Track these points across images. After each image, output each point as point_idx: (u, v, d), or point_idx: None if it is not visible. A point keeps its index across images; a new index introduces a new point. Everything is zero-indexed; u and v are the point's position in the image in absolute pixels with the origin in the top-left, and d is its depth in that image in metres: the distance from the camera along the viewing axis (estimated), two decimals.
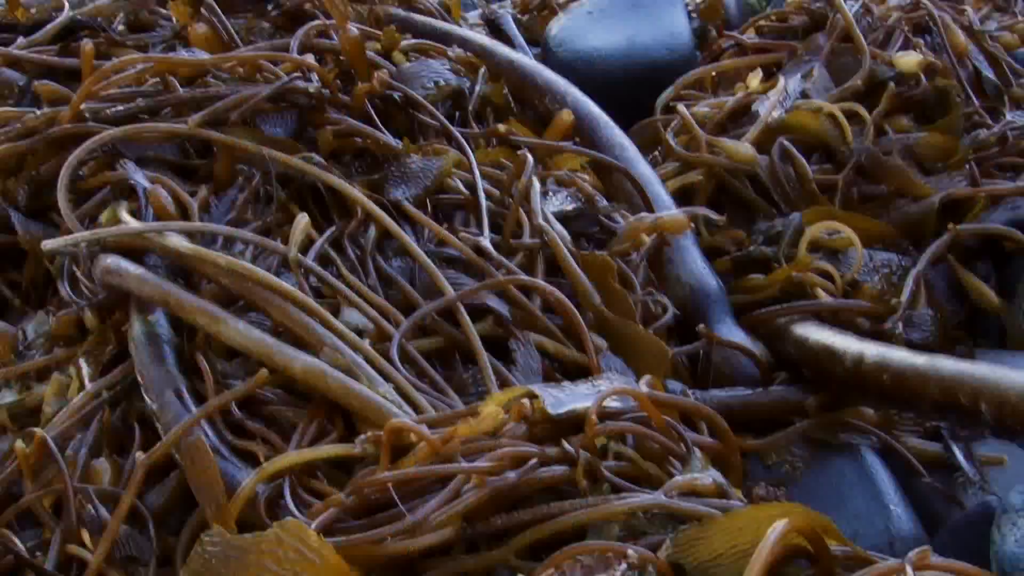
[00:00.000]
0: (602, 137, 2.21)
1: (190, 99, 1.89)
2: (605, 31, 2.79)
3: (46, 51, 2.12)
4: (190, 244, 1.58)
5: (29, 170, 1.84)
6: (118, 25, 2.30)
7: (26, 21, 2.23)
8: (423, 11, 2.76)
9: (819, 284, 1.89)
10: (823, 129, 2.18)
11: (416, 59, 2.27)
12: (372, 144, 1.92)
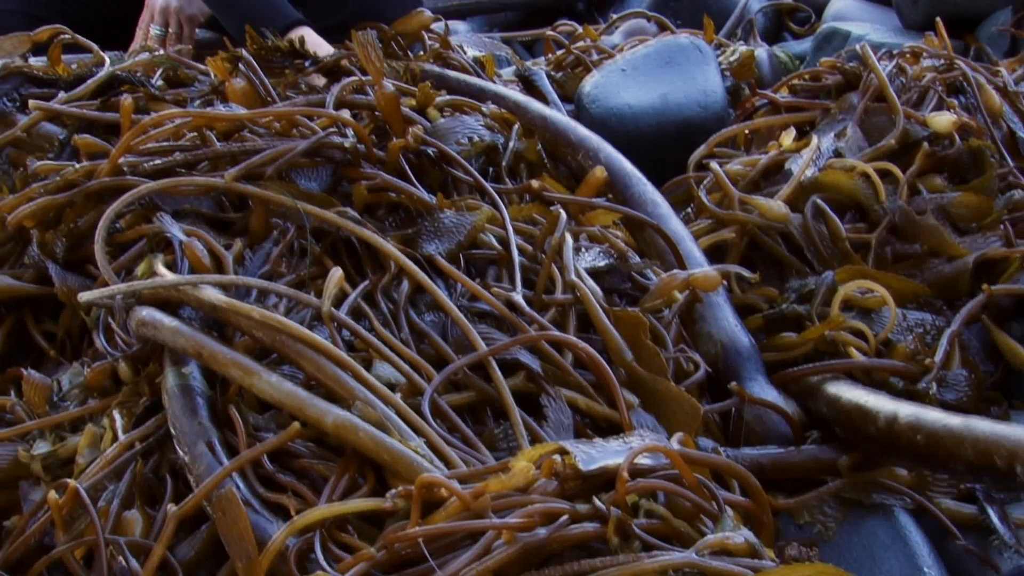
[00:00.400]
0: (635, 194, 2.22)
1: (227, 153, 1.91)
2: (638, 88, 2.81)
3: (86, 105, 2.15)
4: (224, 297, 1.59)
5: (67, 223, 1.86)
6: (157, 80, 2.33)
7: (67, 76, 2.26)
8: (458, 67, 2.79)
9: (852, 343, 1.88)
10: (856, 188, 2.18)
11: (451, 115, 2.29)
12: (406, 199, 1.93)
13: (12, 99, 2.18)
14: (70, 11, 3.26)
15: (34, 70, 2.25)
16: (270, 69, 2.31)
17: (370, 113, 2.15)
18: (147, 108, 2.17)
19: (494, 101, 2.44)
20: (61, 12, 3.22)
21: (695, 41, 2.96)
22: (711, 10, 3.84)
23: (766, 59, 3.35)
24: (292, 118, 2.01)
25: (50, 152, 2.05)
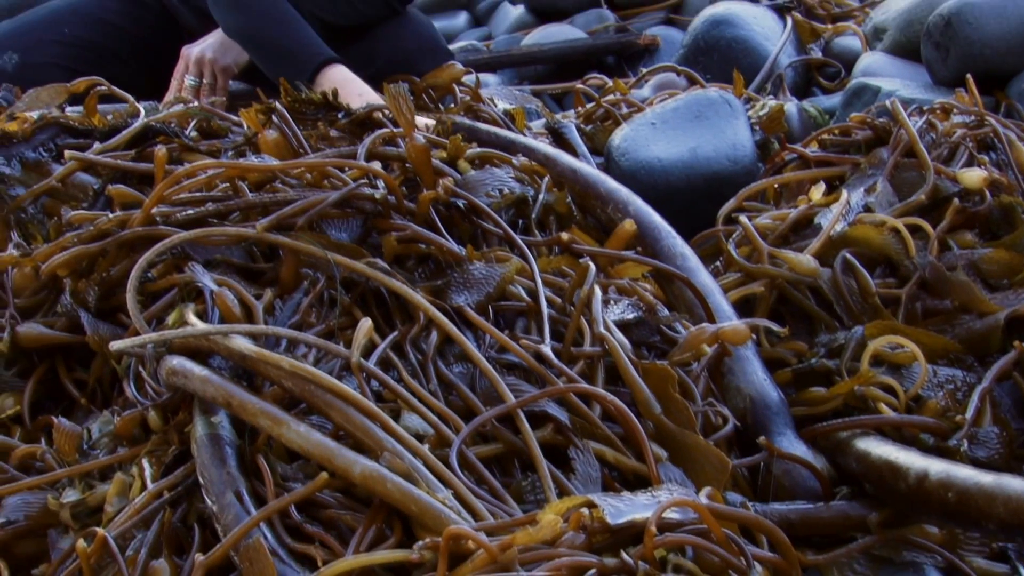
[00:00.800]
0: (664, 246, 2.22)
1: (258, 204, 1.92)
2: (668, 142, 2.82)
3: (121, 156, 2.17)
4: (254, 346, 1.60)
5: (100, 271, 1.87)
6: (191, 131, 2.35)
7: (103, 127, 2.29)
8: (488, 120, 2.80)
9: (882, 398, 1.87)
10: (886, 243, 2.17)
11: (481, 167, 2.30)
12: (436, 250, 1.94)
13: (48, 149, 2.20)
14: (106, 63, 3.31)
15: (70, 120, 2.28)
16: (303, 120, 2.33)
17: (401, 165, 2.16)
18: (181, 159, 2.19)
19: (524, 153, 2.45)
20: (98, 65, 3.27)
21: (725, 95, 2.98)
22: (741, 64, 3.85)
23: (796, 113, 3.35)
24: (323, 169, 2.02)
25: (84, 202, 2.07)
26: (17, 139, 2.17)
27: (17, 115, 2.27)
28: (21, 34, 3.31)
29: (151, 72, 3.37)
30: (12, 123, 2.22)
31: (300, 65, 3.02)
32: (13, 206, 2.08)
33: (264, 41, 3.12)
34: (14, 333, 1.87)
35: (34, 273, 1.91)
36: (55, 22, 3.36)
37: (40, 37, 3.30)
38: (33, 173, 2.14)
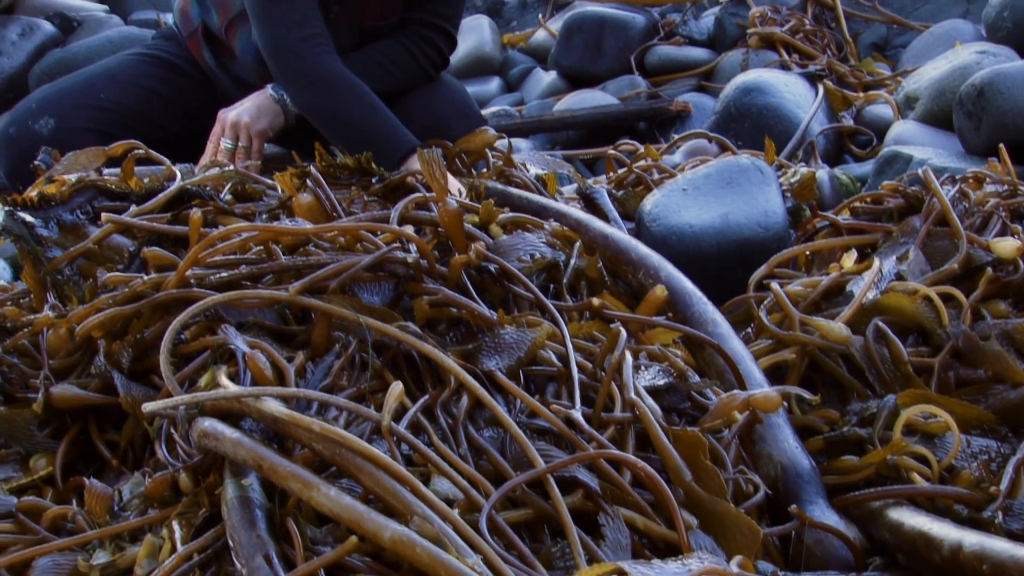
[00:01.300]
0: (695, 312, 2.22)
1: (291, 267, 1.93)
2: (699, 208, 2.82)
3: (157, 218, 2.19)
4: (285, 409, 1.60)
5: (134, 333, 1.88)
6: (226, 194, 2.37)
7: (139, 190, 2.31)
8: (520, 185, 2.82)
9: (915, 468, 1.86)
10: (919, 311, 2.17)
11: (513, 232, 2.31)
12: (467, 315, 1.94)
13: (85, 212, 2.22)
14: (142, 128, 3.34)
15: (107, 183, 2.30)
16: (337, 184, 2.35)
17: (433, 229, 2.17)
18: (215, 221, 2.21)
19: (556, 218, 2.46)
20: (133, 129, 3.31)
21: (756, 162, 2.98)
22: (772, 132, 3.87)
23: (827, 181, 3.36)
24: (357, 233, 2.03)
25: (119, 264, 2.08)
26: (55, 202, 2.19)
27: (56, 178, 2.30)
28: (58, 99, 3.36)
29: (186, 135, 3.41)
30: (51, 186, 2.24)
31: (386, 152, 3.03)
32: (50, 268, 2.10)
33: (346, 123, 3.14)
34: (48, 394, 1.88)
35: (69, 334, 1.93)
36: (91, 87, 3.41)
37: (76, 102, 3.35)
38: (70, 235, 2.16)
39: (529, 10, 6.82)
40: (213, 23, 3.44)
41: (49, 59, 5.95)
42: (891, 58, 5.23)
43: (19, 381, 1.95)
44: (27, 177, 2.66)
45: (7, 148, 3.31)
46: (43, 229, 2.14)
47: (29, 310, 2.14)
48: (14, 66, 6.10)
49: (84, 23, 6.50)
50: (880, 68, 5.02)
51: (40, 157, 2.52)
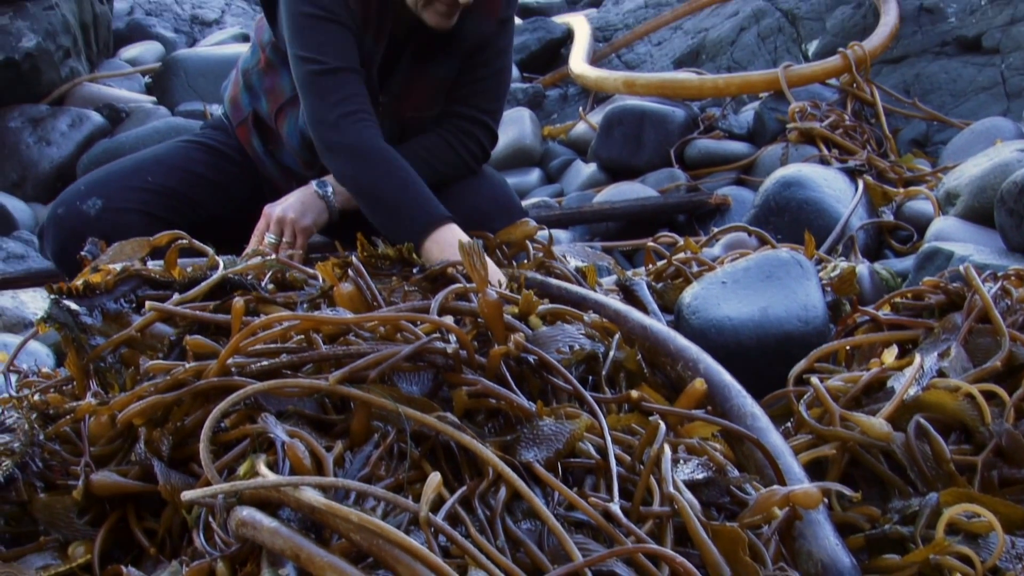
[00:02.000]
0: (734, 406, 2.21)
1: (332, 356, 1.94)
2: (739, 301, 2.82)
3: (199, 307, 2.21)
4: (323, 499, 1.60)
5: (174, 421, 1.90)
6: (267, 283, 2.39)
7: (182, 279, 2.33)
8: (560, 276, 2.83)
9: (958, 568, 1.83)
10: (961, 408, 2.15)
11: (552, 323, 2.32)
12: (506, 405, 1.94)
13: (129, 300, 2.25)
14: (187, 211, 3.39)
15: (151, 273, 2.33)
16: (378, 274, 2.37)
17: (473, 319, 2.18)
18: (257, 310, 2.23)
19: (595, 310, 2.47)
20: (178, 212, 3.36)
21: (796, 256, 2.98)
22: (812, 226, 3.87)
23: (867, 276, 3.35)
24: (397, 323, 2.04)
25: (161, 352, 2.10)
26: (100, 290, 2.22)
27: (101, 267, 2.33)
28: (106, 181, 3.41)
29: (231, 220, 3.45)
30: (96, 275, 2.27)
31: (413, 224, 3.07)
32: (93, 355, 2.12)
33: (381, 195, 3.18)
34: (88, 481, 1.89)
35: (110, 422, 1.94)
36: (139, 170, 3.46)
37: (124, 184, 3.40)
38: (114, 323, 2.19)
39: (570, 103, 6.88)
40: (263, 110, 3.51)
41: (97, 149, 6.07)
42: (931, 154, 5.24)
43: (60, 468, 1.96)
44: (73, 257, 2.70)
45: (55, 227, 3.36)
46: (87, 317, 2.16)
47: (72, 397, 2.15)
48: (63, 156, 6.22)
49: (132, 114, 6.63)
50: (920, 164, 5.02)
51: (87, 248, 2.55)
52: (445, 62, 3.42)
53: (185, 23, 9.17)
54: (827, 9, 6.32)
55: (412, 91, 3.43)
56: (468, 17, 3.35)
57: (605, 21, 7.89)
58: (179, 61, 7.38)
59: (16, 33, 6.36)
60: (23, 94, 6.55)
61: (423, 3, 3.19)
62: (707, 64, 6.66)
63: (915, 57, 5.77)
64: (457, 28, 3.35)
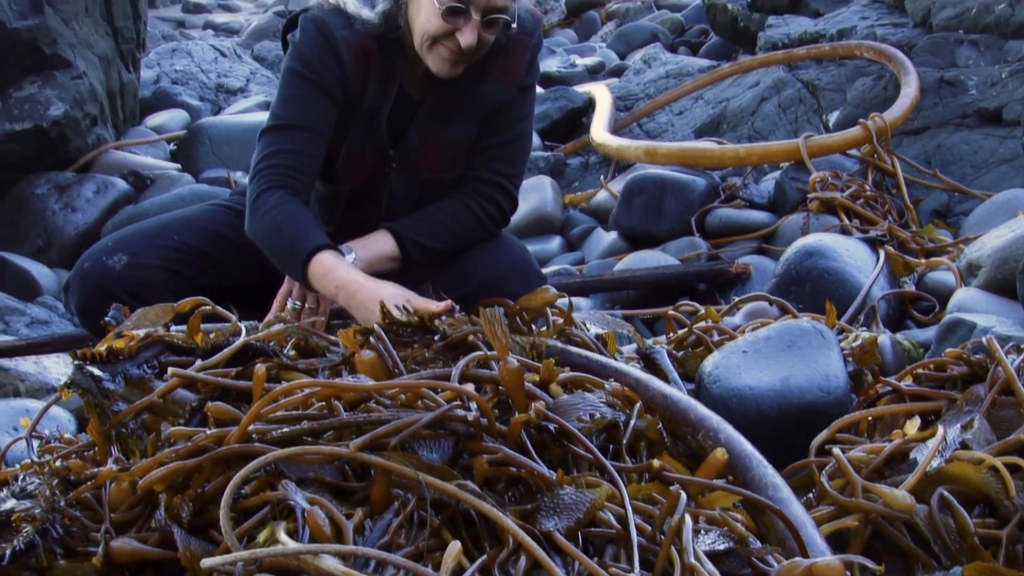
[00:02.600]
0: (755, 476, 2.20)
1: (352, 423, 1.95)
2: (760, 370, 2.81)
3: (221, 373, 2.22)
4: (343, 567, 1.60)
5: (195, 487, 1.90)
6: (289, 350, 2.40)
7: (204, 345, 2.35)
8: (580, 344, 2.83)
9: None
10: (985, 481, 2.14)
11: (573, 391, 2.32)
12: (527, 474, 1.94)
13: (152, 366, 2.26)
14: (211, 271, 3.41)
15: (174, 339, 2.34)
16: (399, 341, 2.37)
17: (494, 387, 2.18)
18: (279, 377, 2.23)
19: (616, 378, 2.46)
20: (202, 271, 3.38)
21: (817, 325, 2.98)
22: (833, 295, 3.86)
23: (889, 346, 3.34)
24: (418, 390, 2.05)
25: (182, 418, 2.11)
26: (123, 356, 2.23)
27: (125, 333, 2.34)
28: (133, 239, 3.44)
29: (254, 283, 3.47)
30: (120, 341, 2.28)
31: (293, 259, 3.16)
32: (114, 421, 2.12)
33: (269, 241, 3.26)
34: (108, 548, 1.88)
35: (131, 488, 1.94)
36: (165, 229, 3.50)
37: (150, 241, 3.43)
38: (136, 389, 2.19)
39: (591, 171, 6.92)
40: None
41: (122, 215, 6.13)
42: (953, 225, 5.24)
43: (80, 534, 1.95)
44: (97, 312, 2.72)
45: (80, 282, 3.38)
46: (110, 383, 2.17)
47: (93, 463, 2.16)
48: (88, 222, 6.28)
49: (157, 181, 6.69)
50: (942, 235, 5.02)
51: (111, 313, 2.57)
52: (463, 124, 3.45)
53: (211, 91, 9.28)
54: (848, 80, 6.35)
55: (429, 151, 3.45)
56: (487, 80, 3.37)
57: (627, 90, 7.94)
58: (204, 129, 7.46)
59: (44, 101, 6.44)
60: (50, 161, 6.63)
61: (427, 47, 3.21)
62: (728, 133, 6.69)
63: (936, 128, 5.78)
64: (476, 91, 3.37)
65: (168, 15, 14.55)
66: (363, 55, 3.28)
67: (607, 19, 11.94)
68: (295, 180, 3.26)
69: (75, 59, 6.73)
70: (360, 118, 3.36)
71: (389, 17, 3.26)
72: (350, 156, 3.41)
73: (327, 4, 3.31)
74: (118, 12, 7.55)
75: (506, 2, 3.17)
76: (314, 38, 3.29)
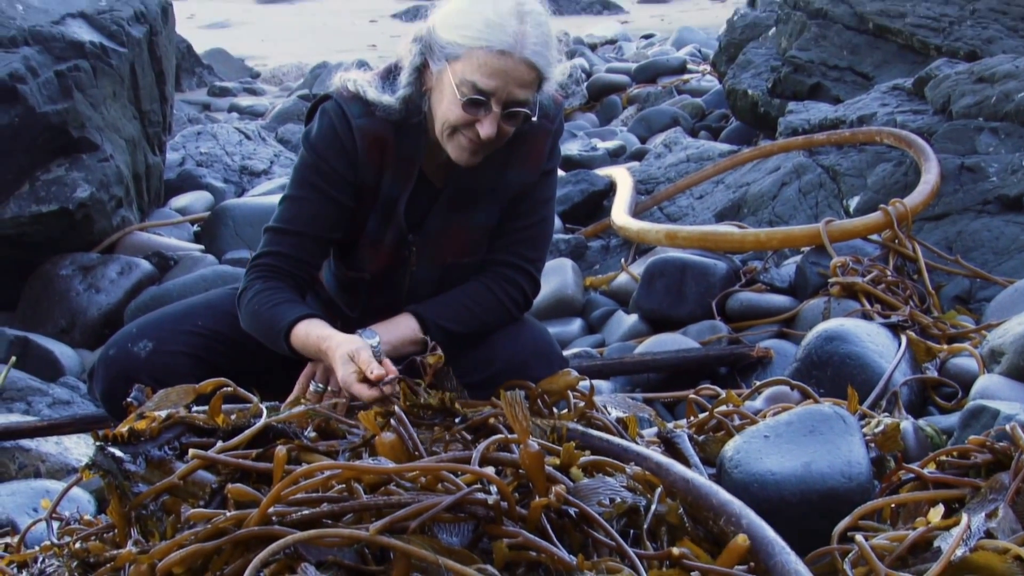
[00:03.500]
0: (777, 563, 2.18)
1: (372, 506, 1.95)
2: (781, 455, 2.80)
3: (242, 455, 2.22)
4: None
5: (214, 570, 1.89)
6: (310, 432, 2.40)
7: (225, 426, 2.35)
8: (601, 427, 2.82)
9: None
10: (1010, 571, 2.11)
11: (593, 474, 2.31)
12: (546, 559, 1.93)
13: (173, 447, 2.27)
14: (235, 355, 3.42)
15: (195, 420, 2.35)
16: (420, 423, 2.38)
17: (514, 470, 2.18)
18: (299, 458, 2.24)
19: (636, 462, 2.46)
20: (226, 356, 3.38)
21: (839, 410, 2.97)
22: (855, 380, 3.85)
23: (912, 432, 3.32)
24: (438, 473, 2.05)
25: (202, 499, 2.11)
26: (144, 437, 2.24)
27: (146, 414, 2.35)
28: (157, 325, 3.46)
29: (277, 367, 3.47)
30: (141, 421, 2.29)
31: (277, 338, 3.20)
32: (135, 503, 2.13)
33: (255, 329, 3.30)
34: None
35: (150, 571, 1.94)
36: (189, 314, 3.51)
37: (174, 327, 3.44)
38: (156, 470, 2.20)
39: (611, 254, 6.94)
40: None
41: (145, 296, 6.16)
42: (975, 311, 5.22)
43: None
44: (121, 399, 2.72)
45: (105, 368, 3.39)
46: (132, 465, 2.18)
47: (112, 545, 2.16)
48: (111, 302, 6.31)
49: (180, 262, 6.73)
50: (964, 321, 5.00)
51: (133, 394, 2.58)
52: (485, 209, 3.46)
53: (234, 173, 9.37)
54: (868, 166, 6.37)
55: (450, 236, 3.46)
56: (509, 167, 3.40)
57: (647, 174, 7.98)
58: (227, 210, 7.52)
59: (71, 184, 6.51)
60: (75, 242, 6.68)
61: (447, 135, 3.24)
62: (748, 218, 6.71)
63: (957, 214, 5.79)
64: (498, 178, 3.39)
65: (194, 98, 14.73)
66: (378, 145, 3.31)
67: (628, 103, 12.03)
68: (284, 281, 3.32)
69: (102, 142, 6.80)
70: (378, 207, 3.38)
71: (411, 102, 3.29)
72: (369, 244, 3.43)
73: (346, 91, 3.34)
74: (145, 96, 7.65)
75: (527, 96, 3.19)
76: (327, 132, 3.33)
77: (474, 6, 3.17)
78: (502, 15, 3.13)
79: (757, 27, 9.92)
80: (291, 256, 3.34)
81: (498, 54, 3.11)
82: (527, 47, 3.12)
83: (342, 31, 20.25)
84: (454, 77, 3.14)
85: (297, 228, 3.35)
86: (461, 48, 3.14)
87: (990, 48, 7.65)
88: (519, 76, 3.13)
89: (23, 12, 6.70)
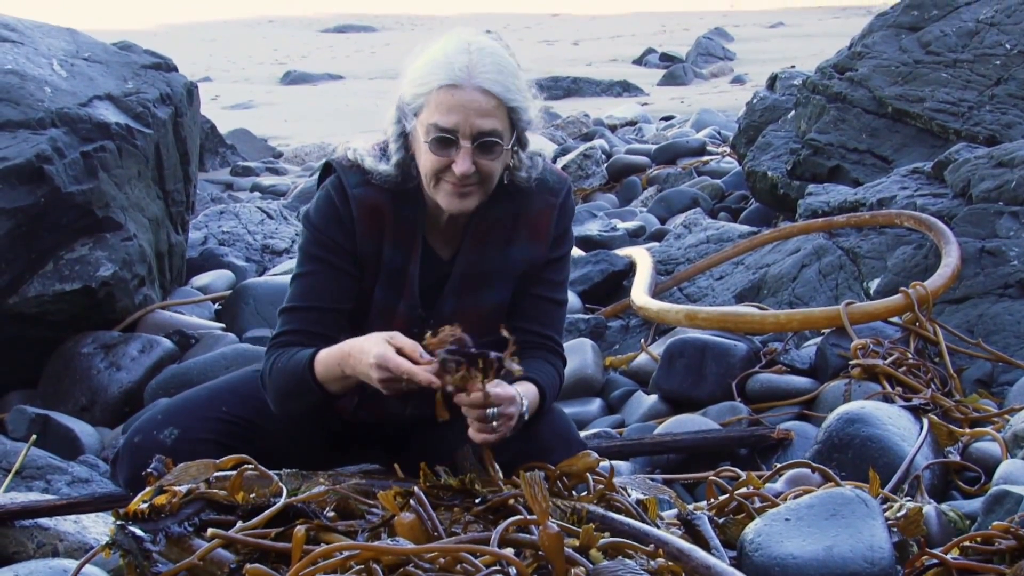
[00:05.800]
0: None
1: None
2: (802, 538, 2.78)
3: (261, 534, 2.22)
4: None
5: None
6: (329, 511, 2.40)
7: (246, 503, 2.35)
8: (621, 509, 2.81)
9: None
10: None
11: (613, 556, 2.30)
12: None
13: (192, 523, 2.26)
14: (259, 440, 3.42)
15: (216, 496, 2.35)
16: (440, 504, 2.37)
17: (533, 552, 2.17)
18: (318, 538, 2.23)
19: (657, 546, 2.44)
20: (250, 441, 3.38)
21: (861, 494, 2.95)
22: (876, 463, 3.82)
23: (935, 517, 3.29)
24: (457, 554, 2.04)
25: None
26: (165, 513, 2.24)
27: (166, 488, 2.35)
28: (183, 411, 3.47)
29: (301, 449, 3.48)
30: (161, 496, 2.29)
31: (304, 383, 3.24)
32: None
33: (283, 391, 3.34)
34: None
35: None
36: (214, 400, 3.52)
37: (199, 414, 3.45)
38: (176, 547, 2.20)
39: (631, 334, 6.93)
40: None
41: (165, 374, 6.17)
42: (997, 395, 5.19)
43: None
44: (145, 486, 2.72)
45: (131, 456, 3.39)
46: (151, 544, 2.18)
47: None
48: (132, 380, 6.32)
49: (201, 340, 6.75)
50: (986, 404, 4.97)
51: (152, 465, 2.58)
52: (497, 288, 3.47)
53: (256, 252, 9.42)
54: (888, 248, 6.38)
55: (465, 318, 3.47)
56: (515, 243, 3.41)
57: (667, 255, 8.00)
58: (248, 289, 7.55)
59: (94, 262, 6.54)
60: (97, 320, 6.70)
61: (433, 185, 3.26)
62: (768, 299, 6.70)
63: (978, 298, 5.78)
64: (506, 254, 3.41)
65: (218, 178, 14.87)
66: (375, 213, 3.34)
67: (648, 184, 12.08)
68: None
69: (126, 221, 6.86)
70: (383, 277, 3.40)
71: (404, 167, 3.33)
72: (379, 315, 3.44)
73: (346, 160, 3.39)
74: (169, 176, 7.72)
75: (493, 125, 3.20)
76: (323, 205, 3.37)
77: (425, 57, 3.24)
78: (449, 54, 3.19)
79: (776, 110, 9.98)
80: (308, 331, 3.35)
81: (450, 89, 3.15)
82: (476, 76, 3.15)
83: (364, 111, 20.44)
84: (421, 128, 3.20)
85: (309, 304, 3.37)
86: (421, 98, 3.20)
87: (1009, 133, 7.68)
88: (477, 106, 3.16)
89: (51, 94, 6.78)
